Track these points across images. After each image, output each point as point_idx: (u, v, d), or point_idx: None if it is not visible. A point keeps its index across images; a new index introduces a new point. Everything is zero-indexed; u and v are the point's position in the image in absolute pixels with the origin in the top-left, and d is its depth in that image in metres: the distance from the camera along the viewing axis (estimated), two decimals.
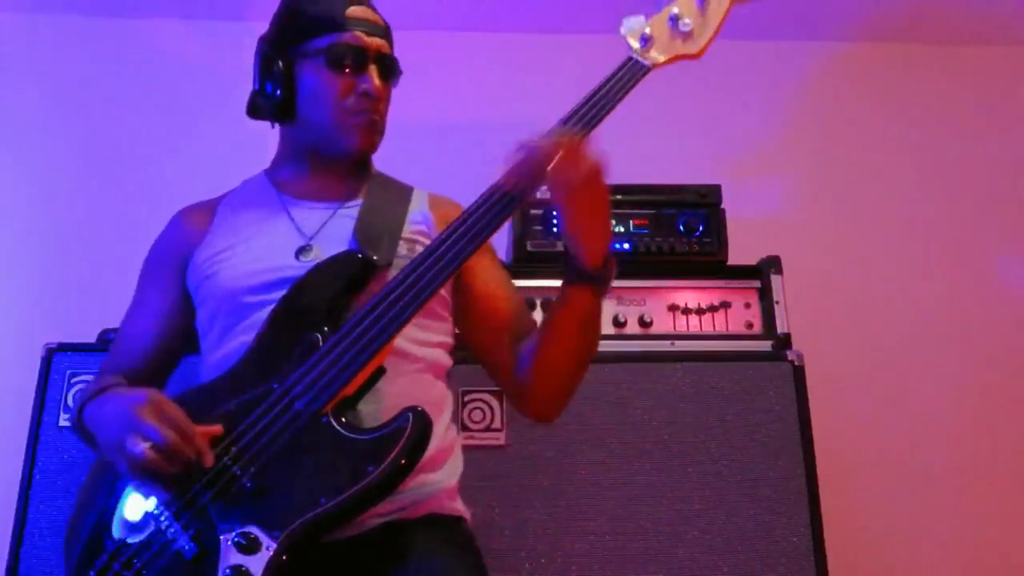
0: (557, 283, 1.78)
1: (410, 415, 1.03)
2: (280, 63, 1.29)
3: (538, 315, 1.76)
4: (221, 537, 1.00)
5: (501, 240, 1.98)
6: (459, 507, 1.24)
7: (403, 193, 1.36)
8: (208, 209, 1.37)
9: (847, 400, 2.23)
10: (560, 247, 1.81)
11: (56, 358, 1.71)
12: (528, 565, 1.56)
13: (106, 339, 1.75)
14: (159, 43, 2.51)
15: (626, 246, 1.86)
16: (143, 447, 0.98)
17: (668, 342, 1.76)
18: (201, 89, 2.48)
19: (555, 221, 1.86)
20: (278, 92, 1.30)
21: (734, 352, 1.75)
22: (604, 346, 1.72)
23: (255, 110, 1.37)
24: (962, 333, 2.37)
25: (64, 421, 1.66)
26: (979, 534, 2.20)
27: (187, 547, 1.01)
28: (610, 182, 1.12)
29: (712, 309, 1.81)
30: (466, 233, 1.11)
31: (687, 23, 1.25)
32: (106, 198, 2.36)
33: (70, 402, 1.68)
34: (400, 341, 1.12)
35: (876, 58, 2.61)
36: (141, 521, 1.05)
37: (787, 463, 1.65)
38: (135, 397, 1.05)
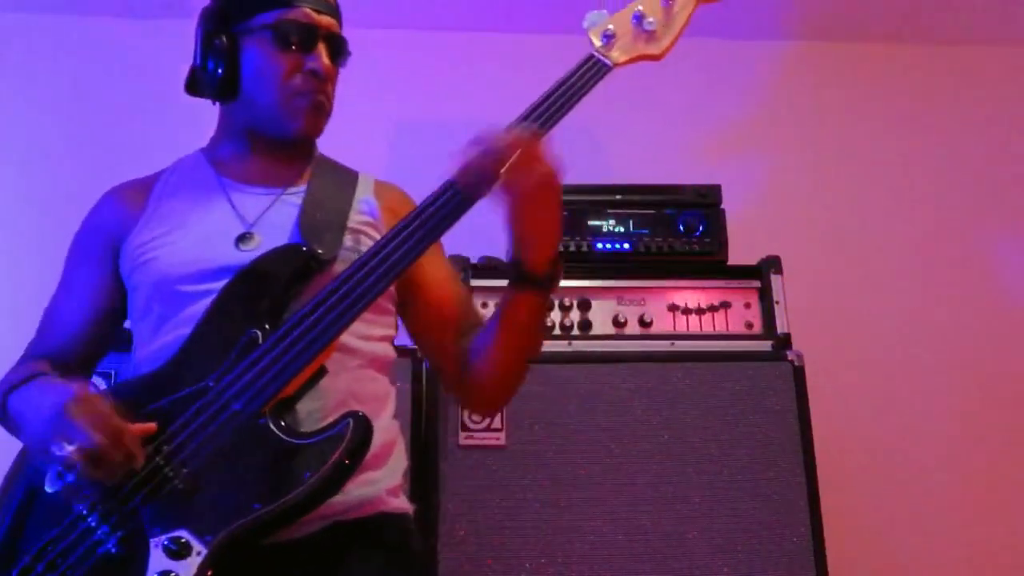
0: None
1: (350, 421, 1.00)
2: (224, 38, 1.23)
3: None
4: (151, 540, 0.96)
5: None
6: (404, 504, 1.20)
7: (348, 179, 1.30)
8: (143, 188, 1.29)
9: (847, 400, 2.23)
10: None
11: None
12: (528, 565, 1.56)
13: None
14: (159, 43, 2.51)
15: (626, 246, 1.85)
16: (69, 450, 0.93)
17: (668, 342, 1.76)
18: None
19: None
20: (220, 69, 1.23)
21: (734, 352, 1.75)
22: (604, 346, 1.74)
23: (193, 86, 1.31)
24: (962, 333, 2.37)
25: None
26: (979, 533, 2.20)
27: (115, 549, 0.98)
28: (610, 182, 1.11)
29: (712, 309, 1.81)
30: (415, 232, 1.07)
31: (651, 22, 1.19)
32: None
33: None
34: (342, 336, 1.08)
35: (877, 58, 2.61)
36: (67, 521, 1.01)
37: (787, 463, 1.65)
38: (64, 392, 0.99)
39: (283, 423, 1.02)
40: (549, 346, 1.75)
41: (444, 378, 1.32)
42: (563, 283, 1.84)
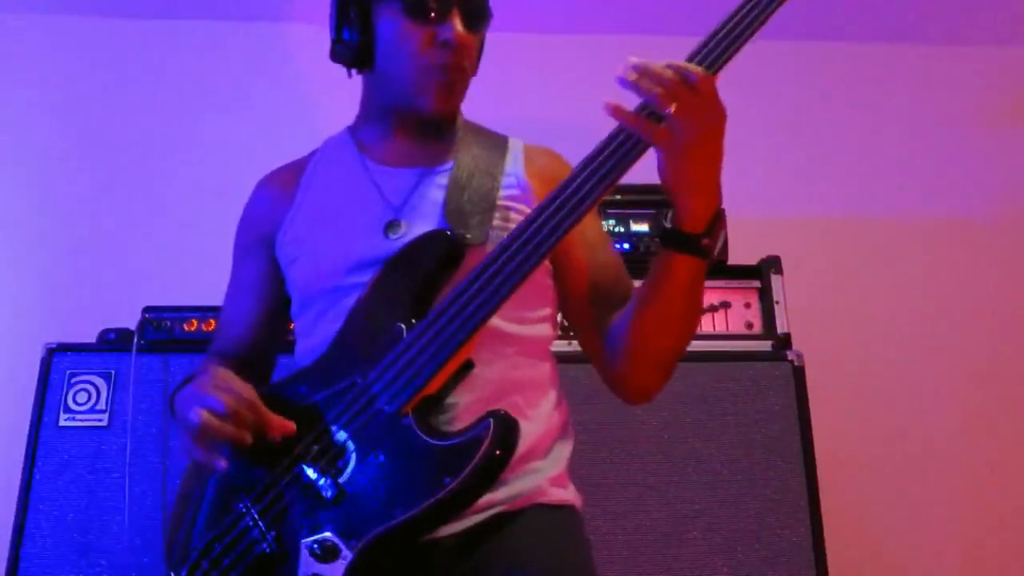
0: None
1: (491, 422, 0.92)
2: (357, 6, 1.15)
3: None
4: (300, 542, 0.95)
5: None
6: (567, 495, 1.12)
7: (496, 150, 1.21)
8: (291, 176, 1.25)
9: (847, 400, 2.22)
10: None
11: (56, 358, 1.71)
12: None
13: (106, 339, 1.75)
14: (159, 43, 2.51)
15: (626, 246, 1.86)
16: (200, 411, 0.94)
17: None
18: (201, 89, 2.48)
19: None
20: (355, 38, 1.15)
21: (734, 352, 1.75)
22: None
23: (335, 55, 1.21)
24: (962, 333, 2.36)
25: (64, 421, 1.66)
26: (978, 533, 2.20)
27: (269, 549, 0.98)
28: None
29: (712, 309, 1.81)
30: (563, 206, 0.96)
31: None
32: (106, 198, 2.36)
33: (70, 402, 1.68)
34: (495, 321, 1.00)
35: (877, 58, 2.61)
36: (229, 520, 1.02)
37: (787, 463, 1.65)
38: (203, 376, 1.01)
39: (428, 422, 0.97)
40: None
41: (593, 362, 1.18)
42: None
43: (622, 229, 1.87)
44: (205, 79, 2.49)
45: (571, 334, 1.74)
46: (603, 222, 1.87)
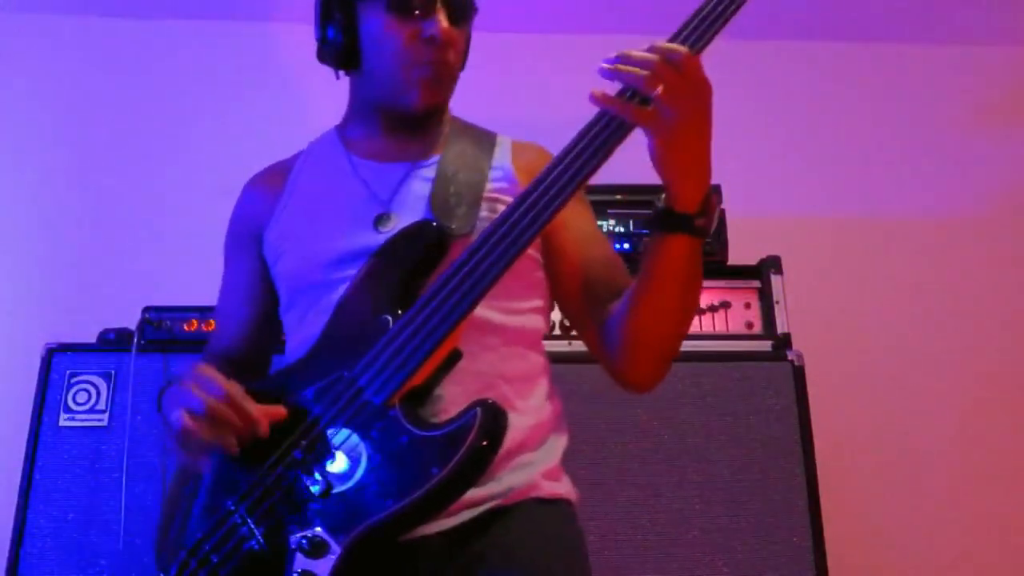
0: None
1: (478, 411, 0.91)
2: (341, 6, 1.15)
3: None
4: (290, 538, 0.94)
5: None
6: (561, 489, 1.10)
7: (484, 145, 1.21)
8: (279, 175, 1.24)
9: (847, 400, 2.22)
10: None
11: (56, 358, 1.71)
12: None
13: (106, 339, 1.75)
14: (159, 43, 2.51)
15: (626, 246, 1.86)
16: (181, 413, 0.92)
17: None
18: (200, 89, 2.48)
19: None
20: (340, 38, 1.15)
21: (734, 352, 1.75)
22: None
23: (321, 56, 1.21)
24: (962, 332, 2.36)
25: (64, 421, 1.66)
26: (979, 533, 2.20)
27: (258, 546, 0.95)
28: (610, 182, 1.07)
29: (712, 309, 1.81)
30: (545, 193, 0.95)
31: None
32: (105, 198, 2.36)
33: (70, 402, 1.68)
34: (483, 311, 1.00)
35: (876, 58, 2.61)
36: (217, 517, 1.00)
37: (787, 463, 1.65)
38: (187, 376, 0.98)
39: (414, 414, 0.96)
40: (549, 346, 1.74)
41: (595, 355, 1.16)
42: None
43: (622, 229, 1.87)
44: (205, 80, 2.49)
45: (571, 334, 1.75)
46: (603, 222, 1.87)
